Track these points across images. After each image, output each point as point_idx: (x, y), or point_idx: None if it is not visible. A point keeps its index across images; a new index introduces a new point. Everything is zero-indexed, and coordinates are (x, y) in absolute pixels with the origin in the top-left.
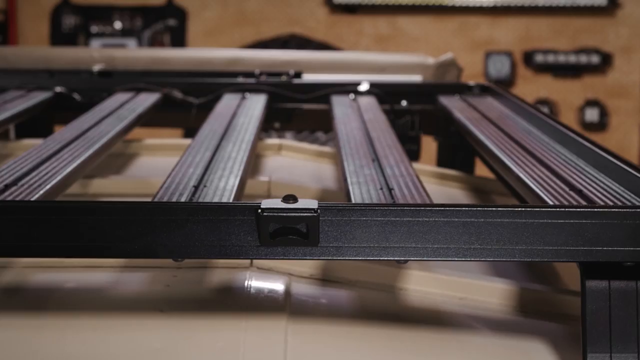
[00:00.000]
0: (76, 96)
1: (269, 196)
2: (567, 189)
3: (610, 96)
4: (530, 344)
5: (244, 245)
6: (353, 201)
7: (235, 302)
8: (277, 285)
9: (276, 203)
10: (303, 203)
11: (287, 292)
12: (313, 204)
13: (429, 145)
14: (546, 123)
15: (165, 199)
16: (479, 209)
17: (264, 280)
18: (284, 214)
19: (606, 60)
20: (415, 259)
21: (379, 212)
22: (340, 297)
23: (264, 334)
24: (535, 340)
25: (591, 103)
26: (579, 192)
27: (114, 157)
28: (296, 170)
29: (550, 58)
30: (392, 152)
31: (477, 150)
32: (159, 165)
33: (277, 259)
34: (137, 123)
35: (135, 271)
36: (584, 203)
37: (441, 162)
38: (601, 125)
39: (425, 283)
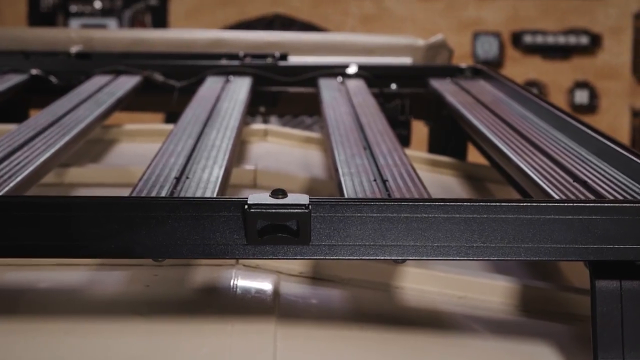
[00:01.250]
0: (53, 79)
1: (254, 186)
2: (570, 180)
3: (600, 78)
4: (535, 347)
5: (230, 244)
6: (346, 195)
7: (221, 303)
8: (264, 285)
9: (264, 198)
10: (293, 198)
11: (276, 292)
12: (304, 199)
13: (418, 129)
14: (542, 108)
15: (144, 193)
16: (481, 204)
17: (250, 279)
18: (273, 210)
19: (595, 41)
20: (414, 258)
21: (374, 207)
22: (332, 297)
23: (252, 338)
24: (540, 342)
25: (581, 85)
26: (584, 184)
27: (92, 143)
28: (283, 157)
29: (539, 39)
30: (384, 139)
31: (471, 136)
32: (140, 152)
33: (265, 258)
34: (116, 108)
35: (112, 269)
36: (590, 195)
37: (432, 147)
38: (591, 107)
39: (422, 281)
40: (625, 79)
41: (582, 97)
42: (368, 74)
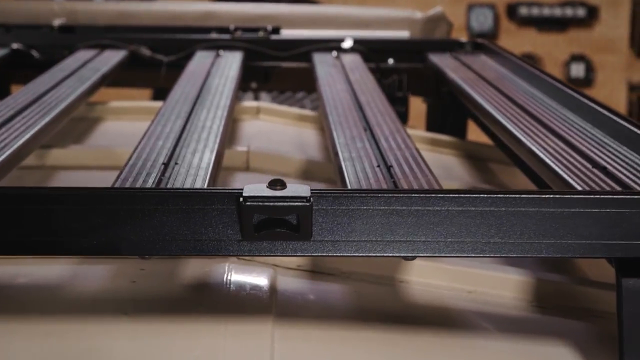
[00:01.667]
0: (35, 53)
1: (247, 169)
2: (589, 165)
3: (597, 51)
4: (551, 346)
5: (223, 240)
6: (348, 184)
7: (213, 301)
8: (260, 280)
9: (261, 189)
10: (293, 189)
11: (273, 288)
12: (304, 190)
13: (413, 105)
14: (552, 86)
15: (129, 182)
16: (500, 196)
17: (245, 274)
18: (271, 204)
19: (592, 13)
20: (425, 255)
21: (382, 199)
22: (333, 293)
23: (247, 340)
24: (556, 341)
25: (577, 58)
26: (604, 170)
27: (76, 121)
28: (276, 136)
29: (535, 11)
30: (384, 119)
31: (475, 115)
32: (126, 131)
33: (262, 255)
34: (100, 84)
35: (94, 263)
36: (614, 185)
37: (431, 125)
38: (587, 81)
39: (429, 274)
40: (623, 52)
41: (578, 70)
42: (364, 48)
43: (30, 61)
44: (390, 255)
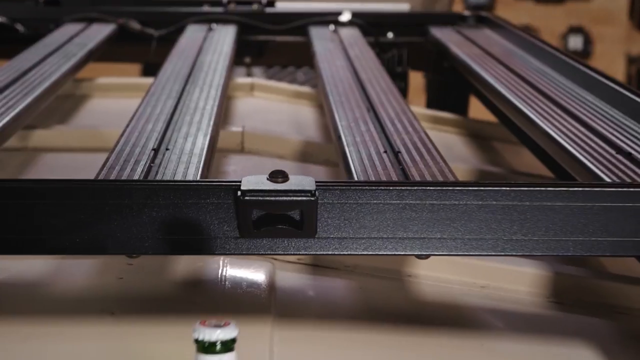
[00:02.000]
0: (19, 27)
1: (242, 150)
2: (612, 151)
3: (595, 23)
4: (572, 348)
5: (219, 238)
6: (354, 172)
7: (207, 300)
8: (258, 276)
9: (260, 182)
10: (296, 182)
11: (272, 285)
12: (309, 183)
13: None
14: (563, 62)
15: (116, 170)
16: (523, 189)
17: (242, 269)
18: (272, 198)
19: None
20: (440, 253)
21: (394, 193)
22: (336, 290)
23: (245, 342)
24: (578, 341)
25: (575, 30)
26: (629, 156)
27: (61, 99)
28: (272, 115)
29: None
30: (388, 98)
31: (480, 92)
32: (114, 110)
33: (262, 254)
34: (87, 61)
35: (77, 258)
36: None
37: (431, 101)
38: (585, 53)
39: (439, 268)
40: (621, 24)
41: (576, 42)
42: (363, 21)
43: (15, 35)
44: (403, 253)
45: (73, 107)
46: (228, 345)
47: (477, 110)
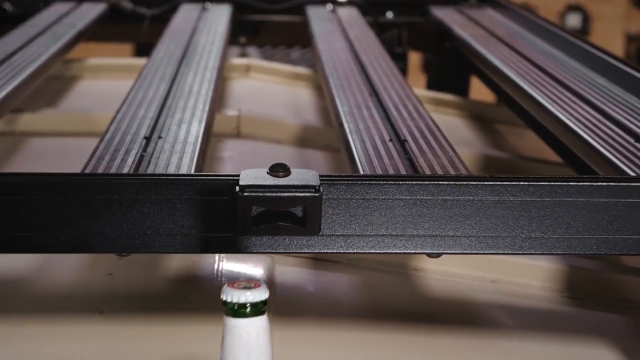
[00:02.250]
0: (7, 6)
1: (238, 135)
2: (630, 139)
3: (594, 0)
4: (588, 346)
5: (216, 236)
6: (358, 163)
7: (202, 298)
8: (256, 271)
9: (260, 177)
10: (298, 176)
11: (270, 280)
12: (312, 178)
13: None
14: (569, 42)
15: (105, 161)
16: (543, 183)
17: (239, 264)
18: (273, 194)
19: None
20: (453, 252)
21: (404, 187)
22: (338, 285)
23: None
24: (593, 339)
25: (573, 8)
26: None
27: (50, 80)
28: (269, 98)
29: None
30: (391, 82)
31: (482, 73)
32: (105, 92)
33: (261, 252)
34: (77, 41)
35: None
36: None
37: (431, 83)
38: (583, 31)
39: (447, 261)
40: (620, 2)
41: (574, 20)
42: (361, 0)
43: (3, 15)
44: (413, 252)
45: (62, 89)
46: (259, 308)
47: (477, 91)
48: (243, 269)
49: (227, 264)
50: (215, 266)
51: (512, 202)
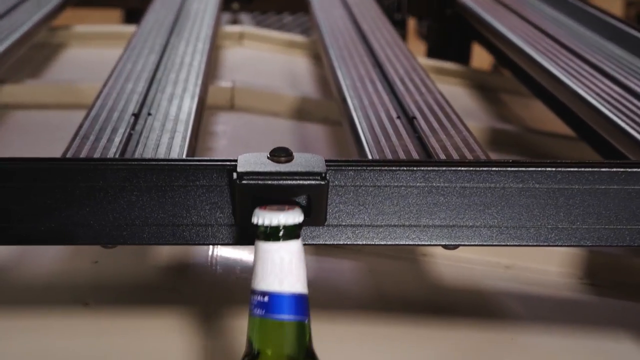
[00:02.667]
0: None
1: (232, 107)
2: None
3: None
4: (615, 341)
5: (211, 225)
6: (365, 144)
7: (195, 288)
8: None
9: (260, 162)
10: (302, 162)
11: None
12: (318, 163)
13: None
14: (581, 10)
15: (90, 141)
16: (572, 169)
17: (235, 250)
18: (274, 182)
19: None
20: (472, 244)
21: (419, 174)
22: (341, 274)
23: (240, 338)
24: (619, 332)
25: None
26: None
27: (35, 49)
28: (264, 67)
29: None
30: (395, 52)
31: (487, 41)
32: (92, 61)
33: None
34: (63, 7)
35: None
36: None
37: (431, 50)
38: None
39: None
40: None
41: None
42: None
43: None
44: (427, 243)
45: (47, 59)
46: (293, 231)
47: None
48: (240, 256)
49: (222, 251)
50: (210, 254)
51: (537, 189)
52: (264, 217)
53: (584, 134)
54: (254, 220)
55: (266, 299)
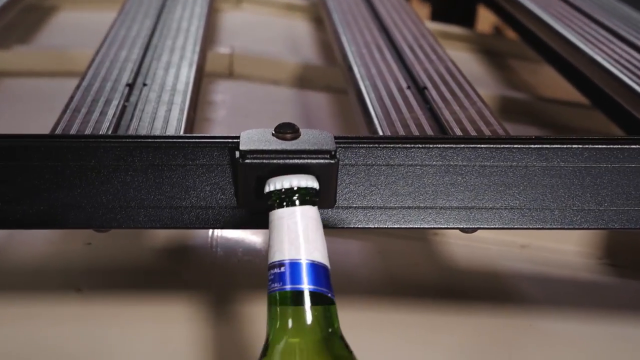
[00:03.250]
0: None
1: (231, 75)
2: None
3: None
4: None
5: (211, 207)
6: (374, 118)
7: (194, 272)
8: (257, 241)
9: (264, 139)
10: (309, 139)
11: None
12: (326, 141)
13: None
14: None
15: (82, 114)
16: (600, 146)
17: (237, 233)
18: (280, 161)
19: None
20: (491, 226)
21: (435, 152)
22: (349, 256)
23: (243, 325)
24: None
25: None
26: None
27: (24, 13)
28: (263, 32)
29: None
30: (401, 17)
31: (501, 6)
32: (85, 25)
33: (267, 228)
34: None
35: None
36: None
37: (436, 14)
38: None
39: None
40: None
41: None
42: None
43: None
44: (444, 227)
45: (37, 23)
46: (308, 196)
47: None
48: (242, 237)
49: (223, 232)
50: (210, 236)
51: (562, 168)
52: (278, 182)
53: (599, 102)
54: (267, 188)
55: (283, 269)
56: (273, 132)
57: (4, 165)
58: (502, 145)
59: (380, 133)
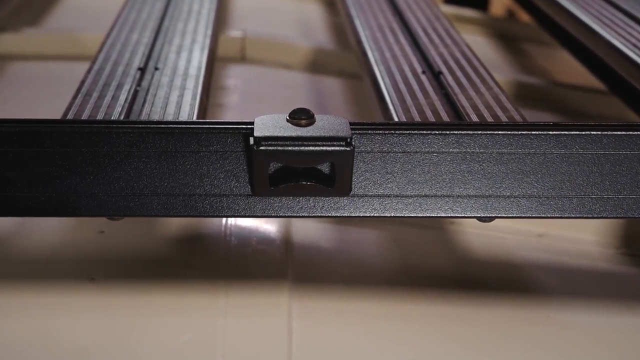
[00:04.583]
0: None
1: (243, 59)
2: None
3: None
4: None
5: (225, 195)
6: (389, 103)
7: (208, 262)
8: (271, 230)
9: (279, 125)
10: (325, 124)
11: (287, 241)
12: (341, 126)
13: None
14: None
15: (93, 99)
16: (620, 132)
17: (251, 222)
18: (295, 148)
19: None
20: (509, 215)
21: (452, 139)
22: (364, 245)
23: (257, 318)
24: None
25: None
26: None
27: None
28: (274, 15)
29: None
30: (416, 0)
31: None
32: (96, 7)
33: (281, 217)
34: None
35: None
36: None
37: None
38: None
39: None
40: None
41: None
42: None
43: None
44: (461, 216)
45: (47, 5)
46: None
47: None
48: (256, 225)
49: (237, 220)
50: (224, 225)
51: (581, 155)
52: None
53: (616, 87)
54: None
55: None
56: (287, 117)
57: (14, 151)
58: (519, 132)
59: (396, 119)
